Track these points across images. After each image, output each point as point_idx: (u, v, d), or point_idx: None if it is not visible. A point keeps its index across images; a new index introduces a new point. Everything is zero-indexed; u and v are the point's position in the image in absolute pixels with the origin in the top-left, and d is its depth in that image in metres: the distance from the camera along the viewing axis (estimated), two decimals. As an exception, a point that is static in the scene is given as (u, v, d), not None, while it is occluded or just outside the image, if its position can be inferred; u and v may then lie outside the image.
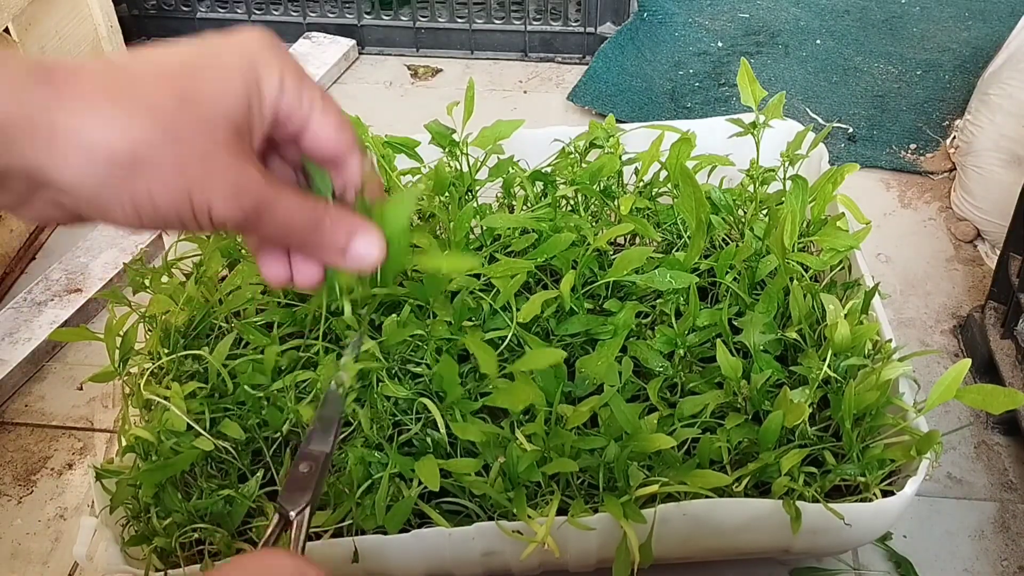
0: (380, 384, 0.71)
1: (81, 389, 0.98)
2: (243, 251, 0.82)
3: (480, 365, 0.67)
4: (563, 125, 0.94)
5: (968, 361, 0.63)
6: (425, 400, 0.69)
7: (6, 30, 1.10)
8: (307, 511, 0.55)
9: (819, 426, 0.70)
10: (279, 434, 0.72)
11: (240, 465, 0.71)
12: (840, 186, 0.80)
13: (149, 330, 0.79)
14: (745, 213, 0.84)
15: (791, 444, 0.68)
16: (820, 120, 1.30)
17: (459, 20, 1.45)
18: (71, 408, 0.97)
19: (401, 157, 0.86)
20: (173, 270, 0.83)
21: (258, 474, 0.70)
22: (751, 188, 0.85)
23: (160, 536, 0.67)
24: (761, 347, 0.72)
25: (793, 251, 0.73)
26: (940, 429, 0.65)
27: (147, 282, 0.81)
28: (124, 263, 0.95)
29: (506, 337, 0.72)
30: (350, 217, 0.50)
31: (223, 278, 0.81)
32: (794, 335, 0.72)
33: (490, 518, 0.66)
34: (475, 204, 0.84)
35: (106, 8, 1.28)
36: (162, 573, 0.66)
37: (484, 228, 0.80)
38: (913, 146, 1.25)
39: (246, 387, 0.71)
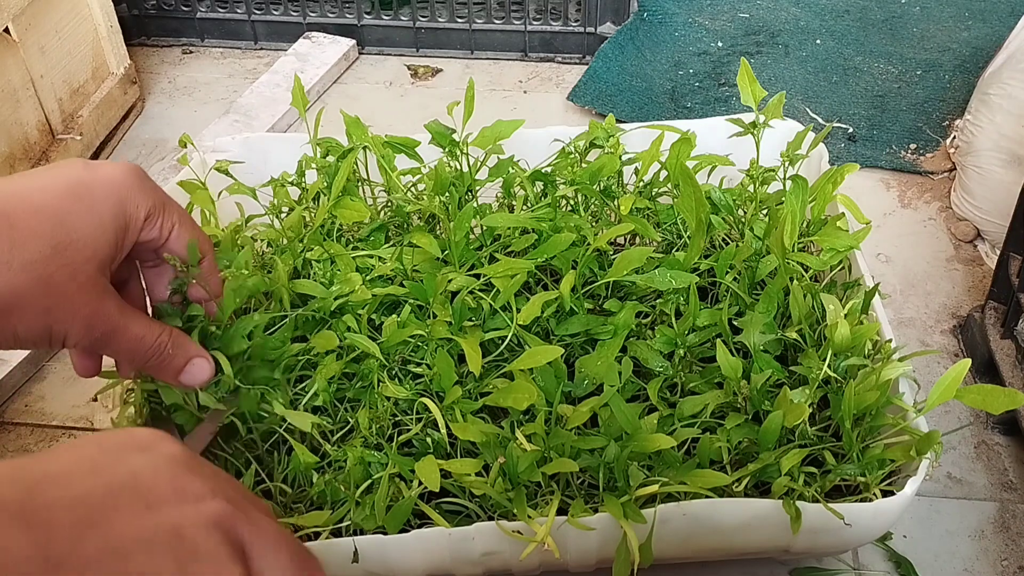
0: (380, 384, 0.71)
1: (96, 400, 0.97)
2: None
3: (468, 363, 0.67)
4: (563, 125, 0.94)
5: (968, 361, 0.63)
6: (426, 400, 0.69)
7: (6, 30, 1.10)
8: None
9: (819, 426, 0.70)
10: (277, 434, 0.72)
11: (237, 464, 0.71)
12: (840, 186, 0.80)
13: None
14: (745, 213, 0.84)
15: (791, 444, 0.68)
16: (820, 120, 1.30)
17: (459, 20, 1.45)
18: (71, 408, 0.97)
19: (401, 157, 0.86)
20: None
21: (252, 467, 0.70)
22: (751, 188, 0.85)
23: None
24: (761, 347, 0.72)
25: (793, 251, 0.73)
26: (940, 429, 0.65)
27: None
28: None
29: (506, 337, 0.72)
30: (188, 345, 0.60)
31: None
32: (794, 335, 0.72)
33: (490, 518, 0.66)
34: (475, 204, 0.84)
35: (106, 8, 1.28)
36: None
37: (484, 228, 0.80)
38: (913, 146, 1.25)
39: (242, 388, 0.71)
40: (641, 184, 0.87)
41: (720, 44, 1.46)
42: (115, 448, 0.41)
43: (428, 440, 0.69)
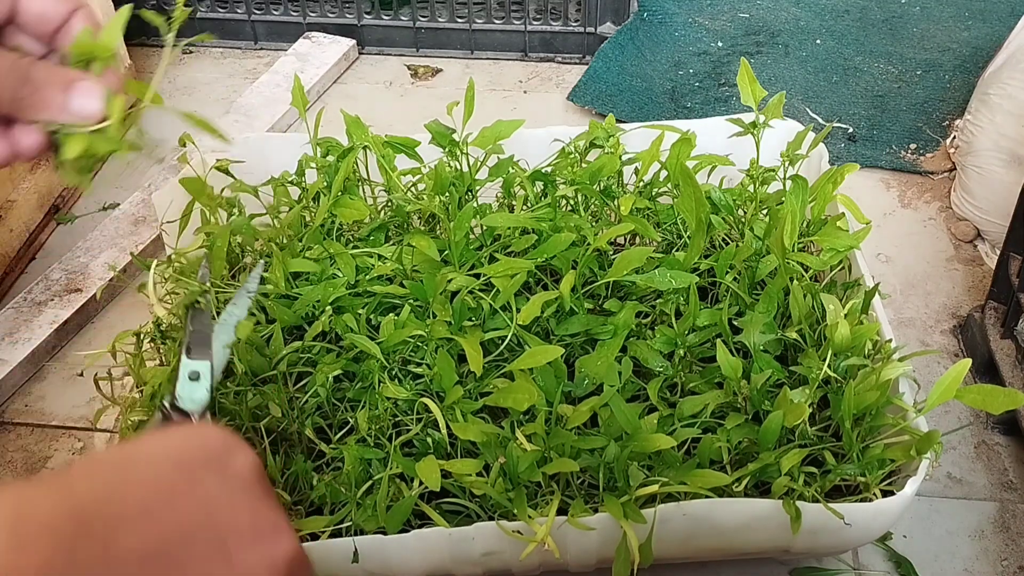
0: (380, 384, 0.71)
1: (82, 375, 0.97)
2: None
3: (469, 362, 0.67)
4: (563, 125, 0.94)
5: (968, 361, 0.63)
6: (426, 400, 0.69)
7: (6, 30, 1.10)
8: (208, 415, 0.64)
9: (819, 426, 0.70)
10: (276, 432, 0.72)
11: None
12: (840, 186, 0.80)
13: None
14: (745, 213, 0.84)
15: (791, 444, 0.68)
16: (820, 120, 1.30)
17: (459, 20, 1.45)
18: (71, 408, 0.97)
19: (401, 157, 0.86)
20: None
21: None
22: (751, 188, 0.85)
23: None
24: (761, 347, 0.72)
25: (793, 251, 0.73)
26: (940, 429, 0.65)
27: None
28: (131, 252, 0.95)
29: (506, 337, 0.72)
30: (63, 71, 0.50)
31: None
32: (794, 335, 0.72)
33: (490, 518, 0.66)
34: (475, 204, 0.84)
35: (106, 8, 1.28)
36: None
37: (484, 228, 0.80)
38: (913, 146, 1.25)
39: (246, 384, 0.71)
40: (641, 184, 0.87)
41: (720, 44, 1.46)
42: (190, 466, 0.38)
43: (428, 440, 0.69)
